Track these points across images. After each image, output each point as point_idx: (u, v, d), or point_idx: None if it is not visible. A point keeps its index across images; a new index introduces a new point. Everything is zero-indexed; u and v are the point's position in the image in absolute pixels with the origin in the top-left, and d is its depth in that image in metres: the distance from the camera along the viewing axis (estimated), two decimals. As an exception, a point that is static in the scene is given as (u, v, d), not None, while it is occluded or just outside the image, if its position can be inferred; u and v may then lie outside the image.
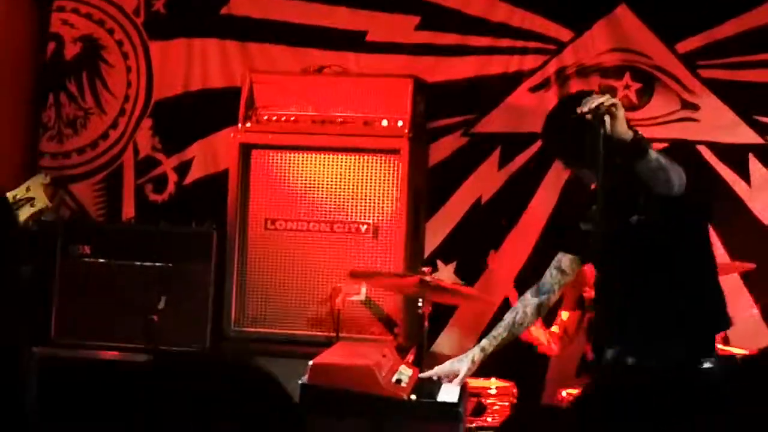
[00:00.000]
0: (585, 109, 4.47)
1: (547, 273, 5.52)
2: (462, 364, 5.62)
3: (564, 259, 5.47)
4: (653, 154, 4.68)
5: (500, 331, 5.56)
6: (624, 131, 4.62)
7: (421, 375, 5.72)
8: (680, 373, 5.04)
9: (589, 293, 7.06)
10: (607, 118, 4.43)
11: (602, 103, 4.43)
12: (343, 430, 5.58)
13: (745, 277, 7.61)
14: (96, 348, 7.40)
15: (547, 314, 5.83)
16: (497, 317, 7.61)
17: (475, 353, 5.59)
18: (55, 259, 7.61)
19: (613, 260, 4.73)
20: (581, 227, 5.31)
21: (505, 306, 7.69)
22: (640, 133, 4.67)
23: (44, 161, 8.51)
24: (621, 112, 4.51)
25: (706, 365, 5.07)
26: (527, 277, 7.80)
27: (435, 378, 5.65)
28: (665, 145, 6.43)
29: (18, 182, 8.02)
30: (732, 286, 7.38)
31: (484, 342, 5.58)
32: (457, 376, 5.59)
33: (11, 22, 8.09)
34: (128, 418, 1.48)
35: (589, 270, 5.73)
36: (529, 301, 5.54)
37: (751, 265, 7.46)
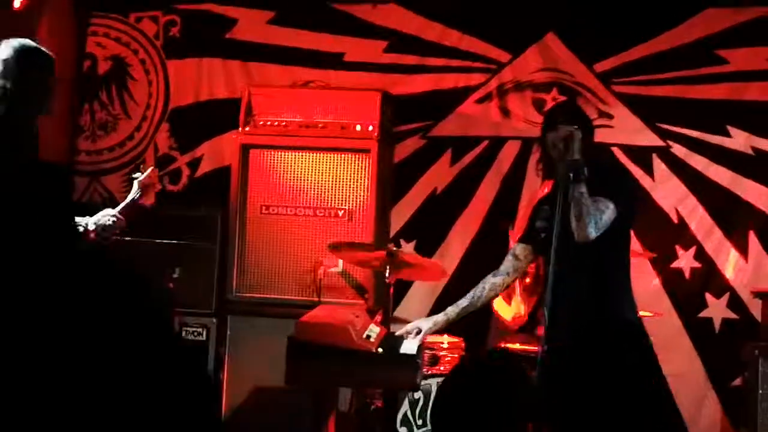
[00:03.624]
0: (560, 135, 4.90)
1: (505, 259, 5.54)
2: (425, 323, 5.63)
3: (518, 248, 5.49)
4: (584, 189, 4.78)
5: (463, 302, 5.53)
6: (575, 151, 4.78)
7: (397, 333, 5.74)
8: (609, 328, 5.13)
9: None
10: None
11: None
12: (322, 376, 5.62)
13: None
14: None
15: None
16: (450, 286, 7.75)
17: (439, 317, 5.57)
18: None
19: (560, 251, 4.80)
20: (536, 224, 5.37)
21: (456, 276, 7.80)
22: (585, 167, 4.79)
23: (81, 157, 8.52)
24: (577, 138, 4.80)
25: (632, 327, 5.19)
26: (475, 250, 7.92)
27: (403, 334, 5.67)
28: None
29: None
30: (639, 262, 7.44)
31: (449, 309, 5.55)
32: (419, 333, 5.60)
33: (56, 45, 8.07)
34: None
35: None
36: (488, 281, 5.51)
37: (651, 255, 7.56)
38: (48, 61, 5.21)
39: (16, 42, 5.12)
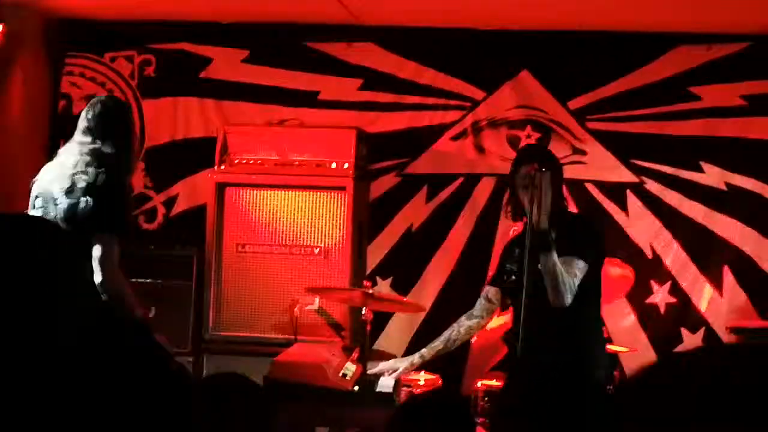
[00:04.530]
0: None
1: (478, 301, 5.54)
2: (401, 363, 5.63)
3: (491, 291, 5.49)
4: (555, 258, 4.77)
5: (437, 344, 5.55)
6: (546, 207, 4.76)
7: (369, 371, 5.72)
8: (574, 372, 5.11)
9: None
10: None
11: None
12: (298, 416, 5.59)
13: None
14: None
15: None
16: (426, 322, 7.72)
17: (414, 357, 5.60)
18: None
19: (530, 291, 4.78)
20: (507, 267, 5.36)
21: (433, 313, 7.77)
22: (552, 235, 4.78)
23: (56, 197, 8.45)
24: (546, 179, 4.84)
25: (596, 372, 5.18)
26: (452, 286, 7.91)
27: (378, 372, 5.66)
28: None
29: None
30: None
31: (423, 350, 5.59)
32: (396, 371, 5.59)
33: (32, 86, 8.08)
34: None
35: None
36: (463, 323, 5.54)
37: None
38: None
39: (105, 99, 5.32)
